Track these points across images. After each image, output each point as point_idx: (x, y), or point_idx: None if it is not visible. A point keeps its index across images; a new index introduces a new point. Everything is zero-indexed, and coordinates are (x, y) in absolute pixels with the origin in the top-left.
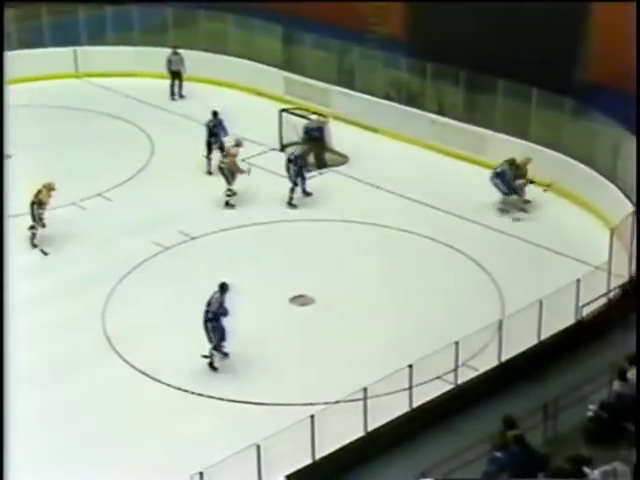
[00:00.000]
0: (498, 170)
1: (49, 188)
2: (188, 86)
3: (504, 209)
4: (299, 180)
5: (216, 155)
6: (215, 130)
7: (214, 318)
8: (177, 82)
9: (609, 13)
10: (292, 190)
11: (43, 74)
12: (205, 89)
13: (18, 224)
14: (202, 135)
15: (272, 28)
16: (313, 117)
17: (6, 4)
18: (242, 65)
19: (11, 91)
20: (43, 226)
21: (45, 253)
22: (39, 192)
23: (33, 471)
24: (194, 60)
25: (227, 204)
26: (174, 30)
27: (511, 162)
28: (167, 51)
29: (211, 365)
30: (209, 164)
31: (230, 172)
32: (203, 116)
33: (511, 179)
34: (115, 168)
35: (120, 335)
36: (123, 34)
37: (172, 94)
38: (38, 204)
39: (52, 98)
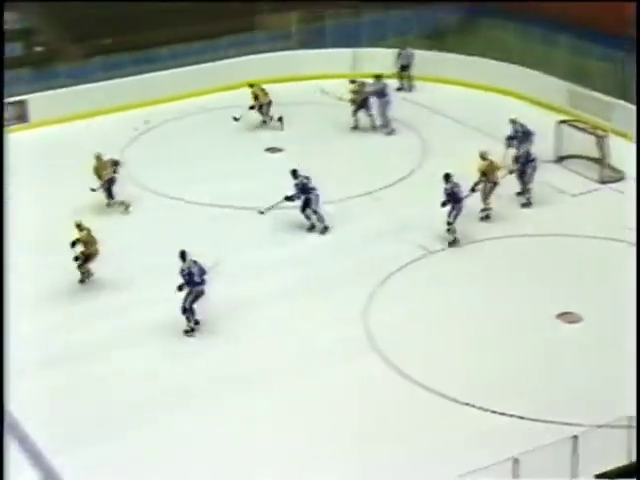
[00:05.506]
0: None
1: None
2: (467, 93)
3: None
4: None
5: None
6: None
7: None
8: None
9: None
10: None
11: (321, 73)
12: (481, 97)
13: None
14: (480, 142)
15: (555, 38)
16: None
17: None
18: (523, 74)
19: (287, 89)
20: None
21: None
22: None
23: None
24: (470, 65)
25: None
26: (453, 35)
27: None
28: (442, 55)
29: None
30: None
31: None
32: (477, 122)
33: None
34: (388, 168)
35: (380, 333)
36: (402, 37)
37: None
38: None
39: (328, 97)
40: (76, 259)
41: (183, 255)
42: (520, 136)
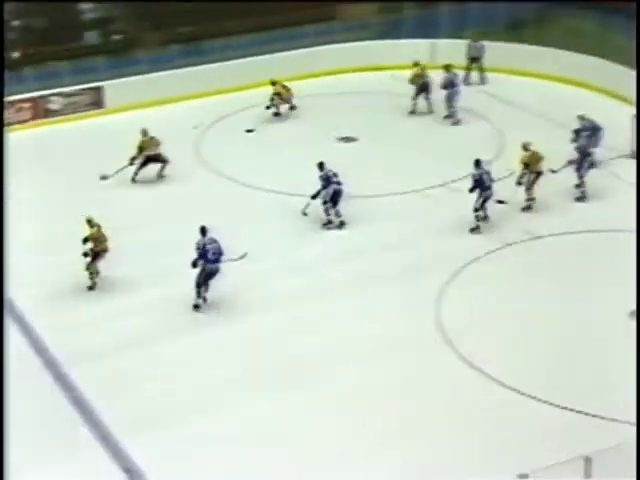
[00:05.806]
0: None
1: None
2: (541, 85)
3: None
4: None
5: None
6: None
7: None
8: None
9: None
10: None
11: (397, 64)
12: (556, 88)
13: None
14: (552, 134)
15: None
16: None
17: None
18: (598, 65)
19: (364, 79)
20: None
21: None
22: None
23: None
24: (544, 57)
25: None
26: (531, 27)
27: None
28: (516, 46)
29: None
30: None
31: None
32: (551, 114)
33: None
34: (463, 158)
35: (452, 324)
36: (480, 29)
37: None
38: None
39: (400, 86)
40: (85, 255)
41: (203, 230)
42: (588, 132)
